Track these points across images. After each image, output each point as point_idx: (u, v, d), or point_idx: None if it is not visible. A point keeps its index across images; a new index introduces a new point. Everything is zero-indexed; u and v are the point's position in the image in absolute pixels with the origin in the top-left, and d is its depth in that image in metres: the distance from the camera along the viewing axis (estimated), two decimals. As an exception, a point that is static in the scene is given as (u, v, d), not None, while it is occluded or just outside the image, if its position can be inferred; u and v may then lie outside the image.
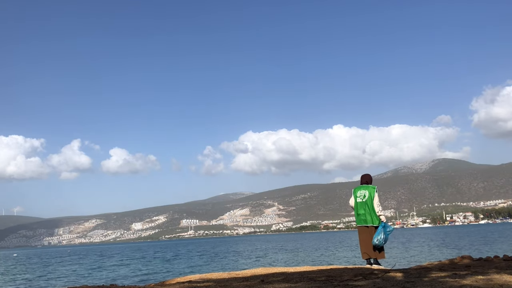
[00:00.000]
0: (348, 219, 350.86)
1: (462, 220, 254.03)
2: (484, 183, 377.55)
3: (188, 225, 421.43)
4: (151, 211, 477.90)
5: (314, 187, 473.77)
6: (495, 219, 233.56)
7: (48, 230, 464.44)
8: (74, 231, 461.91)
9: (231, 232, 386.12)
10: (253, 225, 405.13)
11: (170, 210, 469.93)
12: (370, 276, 4.57)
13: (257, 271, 6.32)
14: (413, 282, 3.87)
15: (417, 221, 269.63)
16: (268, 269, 6.49)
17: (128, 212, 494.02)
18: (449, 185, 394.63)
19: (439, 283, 3.73)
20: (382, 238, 7.56)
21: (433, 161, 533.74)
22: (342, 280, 4.27)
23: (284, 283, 4.37)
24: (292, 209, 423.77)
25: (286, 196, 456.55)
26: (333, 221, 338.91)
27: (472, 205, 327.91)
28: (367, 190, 8.04)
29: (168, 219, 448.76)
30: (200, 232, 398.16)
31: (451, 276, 4.26)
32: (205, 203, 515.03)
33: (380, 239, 7.53)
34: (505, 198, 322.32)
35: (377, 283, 3.93)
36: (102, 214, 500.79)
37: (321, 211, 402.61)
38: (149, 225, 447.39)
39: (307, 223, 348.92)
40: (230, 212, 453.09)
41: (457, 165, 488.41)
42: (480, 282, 3.70)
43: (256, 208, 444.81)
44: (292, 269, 6.44)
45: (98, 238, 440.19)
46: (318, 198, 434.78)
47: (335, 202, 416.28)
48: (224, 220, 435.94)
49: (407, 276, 4.48)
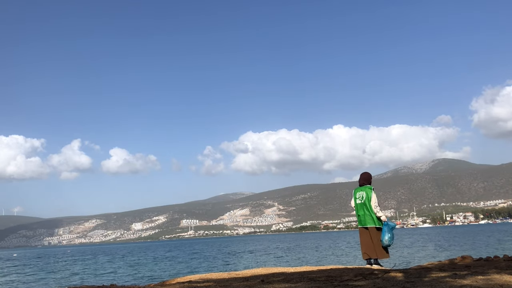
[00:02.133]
0: (348, 219, 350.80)
1: (462, 220, 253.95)
2: (484, 183, 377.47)
3: (188, 225, 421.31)
4: (151, 211, 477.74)
5: (314, 187, 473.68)
6: (495, 219, 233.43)
7: (48, 230, 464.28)
8: (74, 231, 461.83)
9: (231, 232, 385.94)
10: (253, 225, 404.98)
11: (170, 210, 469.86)
12: (370, 276, 4.57)
13: (257, 271, 6.32)
14: (413, 282, 3.87)
15: (417, 221, 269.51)
16: (268, 269, 6.49)
17: (128, 212, 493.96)
18: (449, 185, 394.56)
19: (439, 283, 3.73)
20: (389, 237, 7.66)
21: (433, 161, 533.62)
22: (342, 280, 4.27)
23: (284, 283, 4.36)
24: (292, 209, 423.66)
25: (286, 196, 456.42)
26: (333, 221, 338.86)
27: (472, 205, 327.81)
28: (365, 191, 8.07)
29: (168, 219, 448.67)
30: (200, 232, 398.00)
31: (451, 276, 4.26)
32: (205, 203, 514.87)
33: (388, 238, 7.64)
34: (505, 198, 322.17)
35: (377, 283, 3.93)
36: (102, 214, 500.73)
37: (321, 211, 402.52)
38: (149, 225, 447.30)
39: (307, 223, 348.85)
40: (230, 212, 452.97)
41: (457, 165, 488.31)
42: (480, 282, 3.70)
43: (256, 208, 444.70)
44: (292, 269, 6.43)
45: (98, 238, 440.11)
46: (318, 198, 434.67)
47: (335, 202, 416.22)
48: (224, 220, 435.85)
49: (407, 276, 4.47)
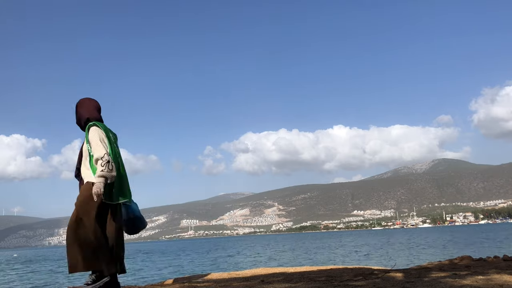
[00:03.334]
0: (348, 219, 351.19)
1: (462, 220, 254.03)
2: (484, 183, 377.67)
3: (188, 225, 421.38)
4: (151, 211, 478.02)
5: (314, 187, 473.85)
6: (495, 219, 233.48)
7: (48, 230, 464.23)
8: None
9: (231, 232, 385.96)
10: (253, 225, 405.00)
11: (170, 210, 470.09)
12: (370, 276, 4.57)
13: (257, 271, 6.32)
14: (413, 282, 3.85)
15: (417, 221, 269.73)
16: (268, 269, 6.49)
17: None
18: (449, 185, 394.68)
19: (439, 283, 3.70)
20: None
21: (433, 161, 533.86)
22: (342, 280, 4.26)
23: (284, 283, 4.35)
24: (292, 209, 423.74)
25: (286, 196, 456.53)
26: (333, 221, 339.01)
27: (472, 205, 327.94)
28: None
29: (168, 219, 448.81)
30: (200, 232, 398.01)
31: (451, 276, 4.25)
32: (205, 203, 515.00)
33: None
34: (505, 198, 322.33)
35: (377, 283, 3.91)
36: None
37: (321, 211, 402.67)
38: (149, 225, 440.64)
39: (307, 223, 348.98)
40: (230, 212, 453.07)
41: (457, 165, 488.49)
42: (480, 282, 3.67)
43: (256, 208, 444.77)
44: (292, 269, 6.44)
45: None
46: (318, 198, 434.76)
47: (335, 202, 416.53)
48: (224, 220, 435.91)
49: (407, 276, 4.46)
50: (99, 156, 3.47)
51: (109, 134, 3.77)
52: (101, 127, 3.70)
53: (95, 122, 3.73)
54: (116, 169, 3.59)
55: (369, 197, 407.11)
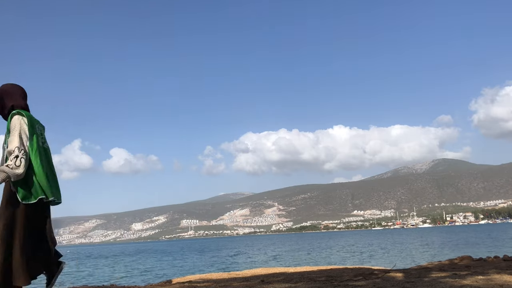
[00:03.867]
0: (348, 219, 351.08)
1: (462, 220, 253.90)
2: (484, 183, 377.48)
3: (188, 225, 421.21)
4: (151, 211, 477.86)
5: (314, 187, 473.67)
6: (495, 219, 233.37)
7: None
8: (74, 231, 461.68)
9: (231, 232, 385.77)
10: (253, 225, 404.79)
11: (170, 210, 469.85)
12: (370, 276, 4.56)
13: (257, 271, 6.32)
14: (413, 282, 3.86)
15: (417, 221, 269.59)
16: (268, 269, 6.49)
17: (128, 212, 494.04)
18: (449, 185, 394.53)
19: (439, 283, 3.71)
20: None
21: (433, 161, 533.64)
22: (342, 280, 4.26)
23: (284, 283, 4.35)
24: (292, 209, 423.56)
25: (286, 196, 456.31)
26: (333, 221, 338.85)
27: (472, 205, 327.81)
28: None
29: (168, 219, 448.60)
30: (200, 232, 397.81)
31: (451, 276, 4.24)
32: (205, 203, 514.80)
33: None
34: (505, 198, 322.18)
35: (377, 283, 3.91)
36: (102, 214, 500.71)
37: (321, 211, 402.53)
38: (149, 225, 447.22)
39: (307, 223, 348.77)
40: (230, 212, 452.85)
41: (457, 165, 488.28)
42: (480, 282, 3.68)
43: (256, 208, 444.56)
44: (292, 269, 6.44)
45: (98, 238, 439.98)
46: (318, 198, 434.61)
47: (335, 202, 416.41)
48: (224, 220, 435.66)
49: (407, 276, 4.46)
50: (11, 149, 3.07)
51: (35, 124, 3.29)
52: (26, 116, 3.21)
53: (19, 111, 3.23)
54: (39, 164, 3.19)
55: (369, 197, 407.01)
